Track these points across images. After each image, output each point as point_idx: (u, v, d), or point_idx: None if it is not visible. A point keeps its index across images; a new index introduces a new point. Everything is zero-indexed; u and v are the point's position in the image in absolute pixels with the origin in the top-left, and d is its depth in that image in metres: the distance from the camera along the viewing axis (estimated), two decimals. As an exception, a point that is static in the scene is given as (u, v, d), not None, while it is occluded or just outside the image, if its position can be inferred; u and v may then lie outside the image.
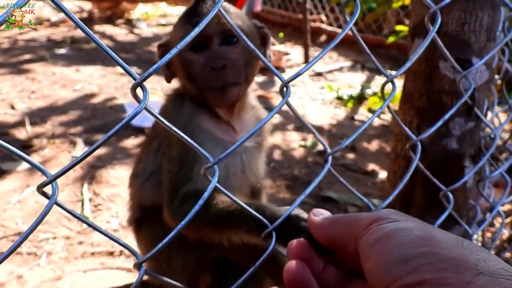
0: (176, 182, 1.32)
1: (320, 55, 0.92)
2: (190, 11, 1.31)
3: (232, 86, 1.29)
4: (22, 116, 4.16)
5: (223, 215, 1.22)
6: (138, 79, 0.78)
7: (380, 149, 4.18)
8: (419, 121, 1.62)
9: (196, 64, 1.30)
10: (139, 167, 1.59)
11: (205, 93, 1.31)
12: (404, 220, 0.64)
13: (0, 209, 2.72)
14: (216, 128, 1.39)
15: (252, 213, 1.05)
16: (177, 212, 1.29)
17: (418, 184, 1.60)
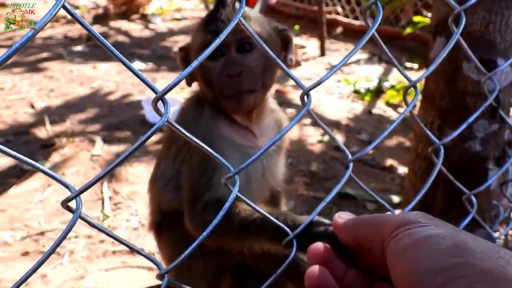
0: (197, 190, 1.32)
1: (342, 63, 0.90)
2: (210, 17, 1.29)
3: (249, 94, 1.28)
4: (41, 115, 4.22)
5: (245, 224, 1.22)
6: (159, 92, 0.77)
7: (398, 144, 4.13)
8: (441, 122, 1.59)
9: (213, 71, 1.29)
10: (158, 171, 1.59)
11: (222, 100, 1.31)
12: (435, 225, 0.61)
13: (23, 209, 2.77)
14: (235, 133, 1.38)
15: (274, 221, 1.04)
16: (199, 220, 1.30)
17: (439, 186, 1.57)
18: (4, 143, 3.69)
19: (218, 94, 1.31)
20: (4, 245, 2.47)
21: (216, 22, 1.26)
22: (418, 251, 0.58)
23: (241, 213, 1.24)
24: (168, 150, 1.52)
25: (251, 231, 1.22)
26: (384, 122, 4.53)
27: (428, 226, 0.61)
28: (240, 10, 0.84)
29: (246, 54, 1.29)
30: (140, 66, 5.95)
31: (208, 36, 1.24)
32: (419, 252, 0.57)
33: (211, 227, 0.91)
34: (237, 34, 1.22)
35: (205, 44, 1.22)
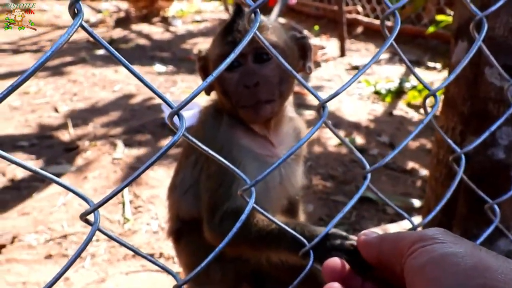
0: (215, 200, 1.33)
1: (357, 75, 0.89)
2: (227, 27, 1.29)
3: (265, 104, 1.27)
4: (65, 119, 4.32)
5: (263, 234, 1.22)
6: (175, 107, 0.78)
7: (420, 146, 4.06)
8: (463, 127, 1.55)
9: (230, 81, 1.29)
10: (177, 179, 1.60)
11: (239, 110, 1.31)
12: (452, 243, 0.60)
13: (47, 212, 2.84)
14: (253, 143, 1.38)
15: (291, 232, 1.04)
16: (217, 230, 1.30)
17: (461, 193, 1.54)
18: (29, 147, 3.78)
19: (235, 104, 1.31)
20: (28, 248, 2.53)
21: (233, 33, 1.26)
22: (435, 269, 0.56)
23: (259, 223, 1.24)
24: (187, 158, 1.53)
25: (268, 241, 1.22)
26: (405, 124, 4.46)
27: (445, 243, 0.60)
28: (255, 23, 0.84)
29: (263, 64, 1.29)
30: (160, 69, 6.01)
31: (225, 47, 1.24)
32: (437, 271, 0.56)
33: (228, 238, 0.92)
34: (254, 44, 1.22)
35: (222, 56, 1.24)
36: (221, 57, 1.24)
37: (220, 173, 1.32)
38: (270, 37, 1.25)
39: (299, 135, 1.51)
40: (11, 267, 2.38)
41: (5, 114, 4.43)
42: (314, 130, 0.91)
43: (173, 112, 0.78)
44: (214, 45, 1.34)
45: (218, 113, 1.42)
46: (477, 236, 1.44)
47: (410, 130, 4.34)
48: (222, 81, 1.31)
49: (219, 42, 1.30)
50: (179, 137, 0.79)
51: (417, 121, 4.55)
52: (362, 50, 7.07)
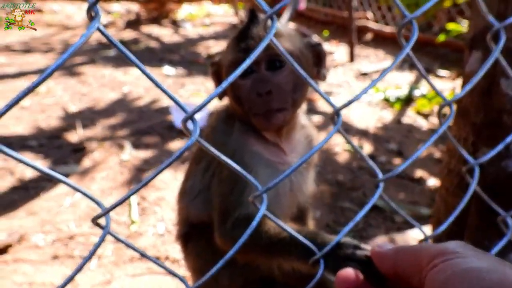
0: (227, 205, 1.31)
1: (373, 83, 0.88)
2: (241, 34, 1.27)
3: (277, 112, 1.25)
4: (74, 119, 4.34)
5: (274, 242, 1.21)
6: (189, 112, 0.77)
7: (428, 154, 4.03)
8: (475, 138, 1.53)
9: (243, 88, 1.27)
10: (186, 185, 1.58)
11: (251, 117, 1.30)
12: (475, 257, 0.59)
13: (54, 212, 2.85)
14: (265, 150, 1.36)
15: (302, 240, 1.03)
16: (228, 236, 1.29)
17: (472, 204, 1.52)
18: (38, 147, 3.80)
19: (247, 111, 1.29)
20: (35, 248, 2.54)
21: (247, 39, 1.24)
22: (460, 284, 0.55)
23: (270, 230, 1.23)
24: (198, 164, 1.51)
25: (279, 249, 1.21)
26: (413, 132, 4.43)
27: (468, 257, 0.59)
28: (272, 29, 0.83)
29: (276, 72, 1.27)
30: (169, 71, 6.03)
31: (239, 54, 1.23)
32: (462, 286, 0.55)
33: (239, 244, 0.91)
34: (267, 51, 1.21)
35: (235, 62, 1.22)
36: (234, 63, 1.23)
37: (232, 178, 1.31)
38: (284, 44, 1.23)
39: (311, 142, 1.50)
40: (18, 267, 2.38)
41: (14, 114, 4.46)
42: (328, 138, 0.90)
43: (187, 117, 0.78)
44: (227, 51, 1.33)
45: (230, 119, 1.41)
46: (488, 248, 1.42)
47: (419, 138, 4.32)
48: (235, 87, 1.29)
49: (233, 49, 1.29)
50: (193, 142, 0.78)
51: (425, 129, 4.52)
52: (371, 56, 7.05)
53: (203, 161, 1.48)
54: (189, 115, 0.78)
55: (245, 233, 0.92)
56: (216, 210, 1.36)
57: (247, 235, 0.92)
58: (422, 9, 0.87)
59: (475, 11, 1.52)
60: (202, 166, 1.48)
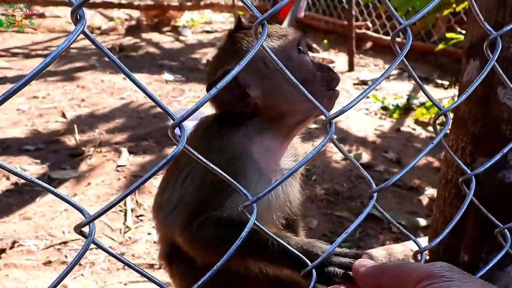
0: (200, 206, 1.26)
1: (366, 92, 0.86)
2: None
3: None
4: (72, 124, 4.32)
5: (261, 250, 1.16)
6: (176, 119, 0.76)
7: (427, 163, 4.01)
8: (473, 148, 1.51)
9: (305, 65, 1.31)
10: (162, 198, 1.46)
11: (320, 95, 1.25)
12: (460, 281, 0.59)
13: (48, 218, 2.82)
14: (262, 158, 1.31)
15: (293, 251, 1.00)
16: (193, 235, 1.24)
17: (470, 215, 1.49)
18: (35, 151, 3.78)
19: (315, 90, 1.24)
20: (28, 253, 2.51)
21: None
22: None
23: (257, 238, 1.19)
24: (179, 174, 1.41)
25: (267, 258, 1.17)
26: (412, 141, 4.42)
27: (453, 281, 0.58)
28: (263, 35, 0.82)
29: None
30: (169, 78, 6.03)
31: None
32: None
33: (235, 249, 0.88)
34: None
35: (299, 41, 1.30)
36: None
37: (216, 184, 1.24)
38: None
39: (298, 155, 1.44)
40: (10, 272, 2.35)
41: (12, 118, 4.44)
42: (320, 147, 0.88)
43: (174, 123, 0.76)
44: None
45: (224, 125, 1.33)
46: (486, 261, 1.40)
47: (418, 147, 4.30)
48: (297, 66, 1.27)
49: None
50: (180, 149, 0.77)
51: (424, 138, 4.50)
52: (370, 65, 7.05)
53: (184, 170, 1.38)
54: (176, 121, 0.76)
55: (235, 244, 0.90)
56: (183, 208, 1.31)
57: (236, 246, 0.89)
58: (417, 17, 0.86)
59: (472, 20, 1.51)
60: (183, 176, 1.38)
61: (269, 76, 1.27)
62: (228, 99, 1.25)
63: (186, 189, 1.36)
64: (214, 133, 1.35)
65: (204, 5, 9.92)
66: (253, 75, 1.27)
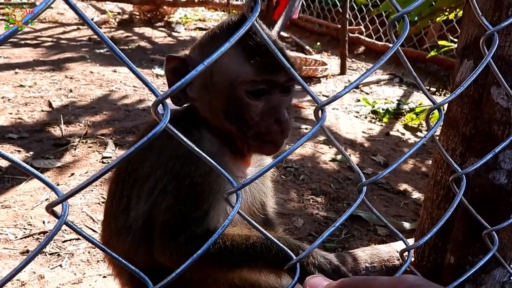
0: (181, 218, 1.15)
1: (361, 78, 0.83)
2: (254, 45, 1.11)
3: (284, 140, 1.17)
4: (58, 114, 4.24)
5: (241, 249, 1.11)
6: (160, 96, 0.71)
7: (414, 168, 4.01)
8: (464, 149, 1.49)
9: (253, 110, 1.13)
10: (120, 222, 1.28)
11: (249, 140, 1.16)
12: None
13: (28, 207, 2.74)
14: (231, 163, 1.25)
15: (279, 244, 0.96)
16: (182, 251, 1.13)
17: (457, 217, 1.47)
18: (18, 139, 3.69)
19: (246, 133, 1.16)
20: (5, 242, 2.43)
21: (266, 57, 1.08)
22: None
23: (235, 238, 1.14)
24: (141, 186, 1.24)
25: (247, 257, 1.11)
26: (401, 146, 4.42)
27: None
28: (255, 12, 0.78)
29: (288, 96, 1.18)
30: (159, 72, 5.97)
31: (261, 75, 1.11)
32: None
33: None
34: (288, 75, 1.11)
35: (254, 83, 1.12)
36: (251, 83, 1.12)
37: (191, 191, 1.15)
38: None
39: (262, 161, 1.39)
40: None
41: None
42: (310, 133, 0.85)
43: (158, 100, 0.72)
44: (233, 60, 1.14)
45: (194, 128, 1.23)
46: (472, 264, 1.38)
47: (406, 151, 4.29)
48: (240, 104, 1.14)
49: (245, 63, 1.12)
50: (162, 127, 0.72)
51: (413, 143, 4.51)
52: (362, 69, 7.08)
53: (148, 180, 1.22)
54: (160, 98, 0.72)
55: (213, 236, 0.86)
56: (162, 224, 1.17)
57: (213, 240, 0.85)
58: (414, 4, 0.83)
59: (467, 20, 1.49)
60: (148, 186, 1.22)
61: (210, 88, 1.18)
62: (172, 81, 1.19)
63: (158, 203, 1.20)
64: (186, 129, 1.24)
65: (198, 2, 9.86)
66: (199, 79, 1.17)
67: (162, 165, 1.19)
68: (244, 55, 1.12)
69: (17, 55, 6.14)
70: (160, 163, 1.19)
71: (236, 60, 1.12)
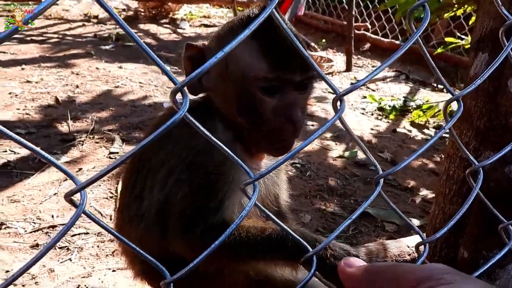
0: (196, 209, 1.14)
1: (383, 66, 0.82)
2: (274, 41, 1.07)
3: (294, 141, 1.14)
4: (64, 110, 4.24)
5: (257, 241, 1.10)
6: (178, 84, 0.70)
7: (422, 165, 3.99)
8: (477, 143, 1.48)
9: (266, 106, 1.10)
10: (133, 210, 1.27)
11: (259, 137, 1.13)
12: (462, 283, 0.54)
13: (37, 201, 2.75)
14: (245, 155, 1.23)
15: (294, 236, 0.95)
16: (198, 242, 1.11)
17: (472, 211, 1.46)
18: (26, 134, 3.70)
19: (258, 130, 1.13)
20: (15, 236, 2.44)
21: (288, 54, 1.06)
22: None
23: (251, 230, 1.13)
24: (154, 175, 1.23)
25: (262, 249, 1.10)
26: (408, 142, 4.40)
27: (454, 283, 0.53)
28: (273, 2, 0.77)
29: (303, 94, 1.15)
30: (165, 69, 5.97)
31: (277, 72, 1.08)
32: None
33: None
34: (305, 72, 1.08)
35: (268, 80, 1.09)
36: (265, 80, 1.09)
37: (206, 181, 1.14)
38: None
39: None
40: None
41: (4, 101, 4.35)
42: (329, 124, 0.84)
43: (176, 88, 0.71)
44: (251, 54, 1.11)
45: (210, 118, 1.19)
46: (487, 258, 1.37)
47: (413, 148, 4.28)
48: (254, 99, 1.11)
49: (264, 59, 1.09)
50: (181, 116, 0.71)
51: (420, 140, 4.49)
52: (368, 66, 7.04)
53: (162, 169, 1.22)
54: (178, 86, 0.71)
55: (231, 226, 0.85)
56: (178, 214, 1.16)
57: (230, 230, 0.84)
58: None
59: (482, 13, 1.47)
60: (162, 174, 1.22)
61: (225, 80, 1.16)
62: (188, 70, 1.18)
63: (173, 193, 1.19)
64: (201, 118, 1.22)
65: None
66: (216, 69, 1.15)
67: (176, 155, 1.18)
68: (259, 49, 1.09)
69: (23, 51, 6.15)
70: (175, 153, 1.19)
71: (251, 53, 1.10)
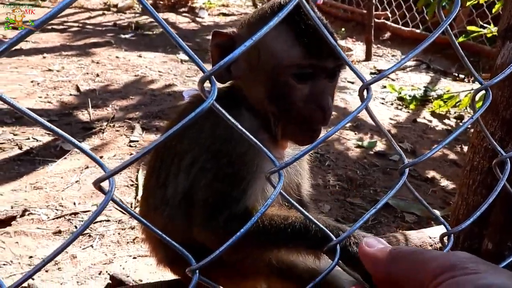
0: (220, 198, 1.15)
1: (409, 56, 0.81)
2: (305, 30, 1.07)
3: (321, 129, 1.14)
4: (85, 98, 4.30)
5: (280, 229, 1.10)
6: (207, 72, 0.70)
7: (442, 155, 3.93)
8: (503, 134, 1.45)
9: (298, 93, 1.10)
10: (158, 197, 1.28)
11: (288, 124, 1.13)
12: (488, 273, 0.52)
13: (59, 188, 2.81)
14: (269, 143, 1.21)
15: (318, 224, 0.95)
16: (222, 231, 1.12)
17: (498, 203, 1.43)
18: (48, 122, 3.77)
19: (289, 119, 1.14)
20: (38, 222, 2.50)
21: (318, 42, 1.05)
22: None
23: (274, 218, 1.13)
24: (179, 163, 1.24)
25: (286, 237, 1.11)
26: (428, 133, 4.34)
27: (479, 273, 0.51)
28: None
29: (333, 82, 1.15)
30: (184, 58, 5.98)
31: (308, 59, 1.08)
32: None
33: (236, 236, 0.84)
34: (336, 60, 1.09)
35: (301, 66, 1.09)
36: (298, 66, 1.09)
37: (230, 170, 1.14)
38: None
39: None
40: (19, 239, 2.35)
41: (27, 89, 4.43)
42: (355, 113, 0.83)
43: (205, 76, 0.71)
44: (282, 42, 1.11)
45: (236, 106, 1.18)
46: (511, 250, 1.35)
47: (433, 138, 4.22)
48: (286, 86, 1.11)
49: (295, 47, 1.09)
50: (209, 104, 0.72)
51: (441, 130, 4.42)
52: (388, 55, 6.93)
53: (186, 157, 1.22)
54: (207, 74, 0.71)
55: (257, 214, 0.85)
56: (201, 202, 1.17)
57: (255, 219, 0.84)
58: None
59: (510, 1, 1.43)
60: (187, 164, 1.22)
61: (255, 68, 1.15)
62: (216, 58, 1.18)
63: (197, 181, 1.20)
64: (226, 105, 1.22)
65: (221, -13, 9.81)
66: (245, 57, 1.14)
67: (201, 143, 1.19)
68: (293, 37, 1.09)
69: (44, 40, 6.24)
70: (199, 141, 1.19)
71: (284, 41, 1.10)
